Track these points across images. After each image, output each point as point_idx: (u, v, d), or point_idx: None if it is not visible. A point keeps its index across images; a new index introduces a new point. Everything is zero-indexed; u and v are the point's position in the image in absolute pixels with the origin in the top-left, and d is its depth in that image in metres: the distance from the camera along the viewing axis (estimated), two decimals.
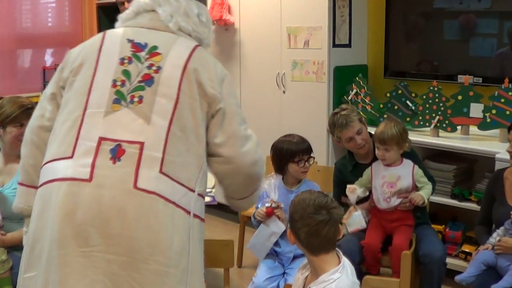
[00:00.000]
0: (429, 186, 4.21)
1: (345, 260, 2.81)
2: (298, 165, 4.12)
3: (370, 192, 4.27)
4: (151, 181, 2.32)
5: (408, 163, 4.20)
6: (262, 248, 4.24)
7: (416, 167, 4.20)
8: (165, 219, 2.34)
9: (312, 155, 4.23)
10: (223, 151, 2.56)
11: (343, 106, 4.47)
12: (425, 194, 4.18)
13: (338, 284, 2.68)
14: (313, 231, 2.75)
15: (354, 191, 4.22)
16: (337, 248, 2.83)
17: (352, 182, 4.41)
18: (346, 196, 4.34)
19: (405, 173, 4.18)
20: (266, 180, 4.27)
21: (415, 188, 4.19)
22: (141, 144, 2.35)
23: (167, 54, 2.51)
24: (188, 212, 2.42)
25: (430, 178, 4.47)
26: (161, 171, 2.35)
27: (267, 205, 4.13)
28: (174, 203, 2.36)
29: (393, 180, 4.16)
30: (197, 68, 2.52)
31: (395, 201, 4.16)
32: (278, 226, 4.14)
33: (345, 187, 4.48)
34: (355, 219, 4.21)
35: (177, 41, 2.58)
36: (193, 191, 2.45)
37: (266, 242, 4.20)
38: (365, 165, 4.38)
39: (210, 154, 2.58)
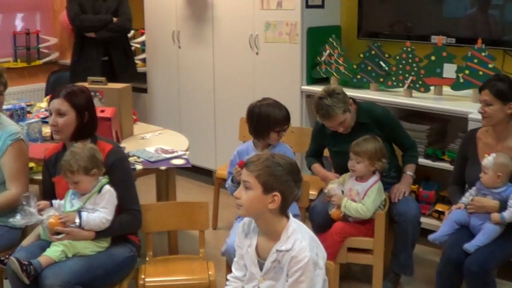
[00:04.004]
0: None
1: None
2: (278, 135, 4.10)
3: None
4: None
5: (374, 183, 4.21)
6: None
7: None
8: None
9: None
10: None
11: (331, 89, 4.27)
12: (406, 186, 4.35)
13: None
14: None
15: (334, 189, 4.23)
16: None
17: (331, 145, 4.50)
18: (322, 150, 4.57)
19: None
20: (243, 145, 4.27)
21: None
22: None
23: None
24: None
25: (413, 144, 4.51)
26: None
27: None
28: None
29: (354, 196, 4.18)
30: None
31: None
32: None
33: (322, 146, 4.53)
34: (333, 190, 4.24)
35: None
36: None
37: None
38: (345, 134, 4.38)
39: None
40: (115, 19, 6.46)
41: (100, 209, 3.50)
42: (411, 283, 4.54)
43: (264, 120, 4.06)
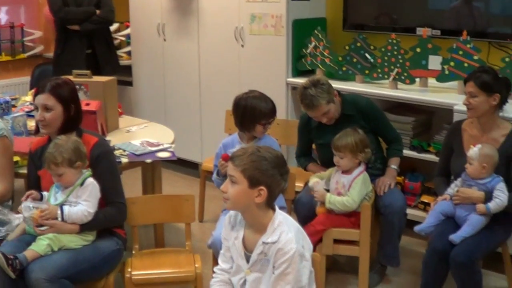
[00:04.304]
0: None
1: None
2: (264, 128, 4.10)
3: None
4: None
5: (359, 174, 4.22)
6: None
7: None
8: None
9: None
10: None
11: (316, 79, 4.31)
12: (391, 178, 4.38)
13: None
14: None
15: (317, 184, 4.24)
16: None
17: (316, 138, 4.50)
18: (310, 145, 4.56)
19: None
20: (228, 138, 4.27)
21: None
22: None
23: None
24: None
25: (397, 136, 4.52)
26: None
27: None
28: None
29: (340, 189, 4.19)
30: None
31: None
32: None
33: (309, 141, 4.55)
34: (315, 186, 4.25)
35: None
36: None
37: None
38: (330, 125, 4.39)
39: None
40: (98, 11, 6.43)
41: (82, 202, 3.49)
42: (398, 274, 4.56)
43: (250, 112, 4.05)
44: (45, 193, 3.58)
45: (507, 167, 3.87)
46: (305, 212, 4.28)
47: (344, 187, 4.15)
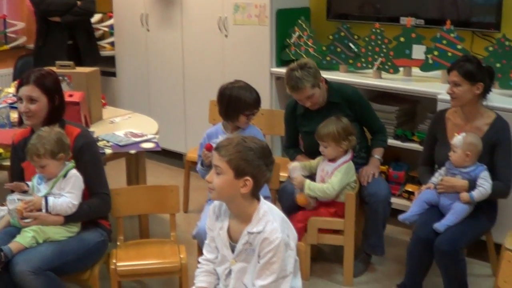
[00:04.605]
0: None
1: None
2: (247, 118, 4.09)
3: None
4: None
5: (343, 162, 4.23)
6: None
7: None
8: None
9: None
10: None
11: (304, 62, 4.32)
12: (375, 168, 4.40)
13: None
14: None
15: (295, 168, 4.26)
16: None
17: (301, 126, 4.51)
18: (298, 134, 4.57)
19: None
20: (212, 128, 4.26)
21: None
22: None
23: None
24: None
25: (382, 127, 4.54)
26: None
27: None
28: None
29: (325, 177, 4.20)
30: None
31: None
32: None
33: (296, 130, 4.57)
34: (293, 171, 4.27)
35: None
36: None
37: None
38: (316, 111, 4.39)
39: None
40: (79, 2, 6.41)
41: (66, 194, 3.48)
42: (382, 262, 4.57)
43: (235, 102, 4.04)
44: (30, 183, 3.58)
45: (490, 155, 3.89)
46: (289, 201, 4.29)
47: (328, 174, 4.16)
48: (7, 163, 3.95)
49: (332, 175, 4.14)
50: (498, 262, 3.80)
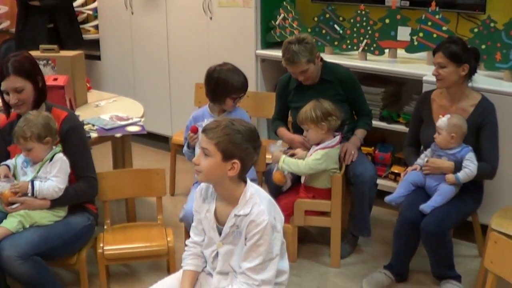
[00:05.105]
0: None
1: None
2: (234, 102, 4.09)
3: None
4: None
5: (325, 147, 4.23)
6: None
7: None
8: None
9: None
10: None
11: (302, 37, 4.32)
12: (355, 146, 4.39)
13: None
14: None
15: (275, 145, 4.30)
16: None
17: (292, 102, 4.53)
18: (287, 111, 4.63)
19: None
20: (198, 110, 4.25)
21: None
22: None
23: None
24: None
25: (369, 112, 4.56)
26: None
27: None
28: None
29: (307, 158, 4.21)
30: None
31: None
32: None
33: (286, 105, 4.59)
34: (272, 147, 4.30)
35: None
36: None
37: None
38: (308, 87, 4.42)
39: None
40: None
41: (52, 178, 3.48)
42: (369, 244, 4.59)
43: (222, 85, 4.04)
44: (8, 162, 3.58)
45: (476, 137, 3.91)
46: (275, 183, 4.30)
47: (309, 155, 4.17)
48: None
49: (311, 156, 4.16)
50: (484, 243, 3.82)
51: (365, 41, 5.08)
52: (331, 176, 4.16)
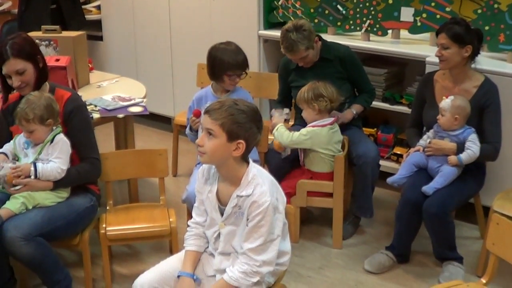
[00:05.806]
0: None
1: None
2: (230, 79, 4.08)
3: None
4: None
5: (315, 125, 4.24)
6: None
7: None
8: None
9: (247, 70, 4.18)
10: None
11: (299, 24, 4.30)
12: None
13: None
14: None
15: (277, 111, 4.41)
16: None
17: (293, 81, 4.54)
18: (290, 91, 4.60)
19: None
20: (201, 91, 4.25)
21: None
22: None
23: None
24: None
25: (371, 90, 4.56)
26: None
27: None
28: None
29: None
30: None
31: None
32: None
33: (288, 85, 4.60)
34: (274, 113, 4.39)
35: None
36: None
37: None
38: (308, 69, 4.43)
39: None
40: None
41: (54, 160, 3.48)
42: (371, 225, 4.60)
43: (219, 62, 4.05)
44: (7, 148, 3.59)
45: (479, 118, 3.90)
46: (277, 164, 4.30)
47: None
48: None
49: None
50: (486, 225, 3.84)
51: (368, 21, 5.06)
52: (329, 161, 4.20)
